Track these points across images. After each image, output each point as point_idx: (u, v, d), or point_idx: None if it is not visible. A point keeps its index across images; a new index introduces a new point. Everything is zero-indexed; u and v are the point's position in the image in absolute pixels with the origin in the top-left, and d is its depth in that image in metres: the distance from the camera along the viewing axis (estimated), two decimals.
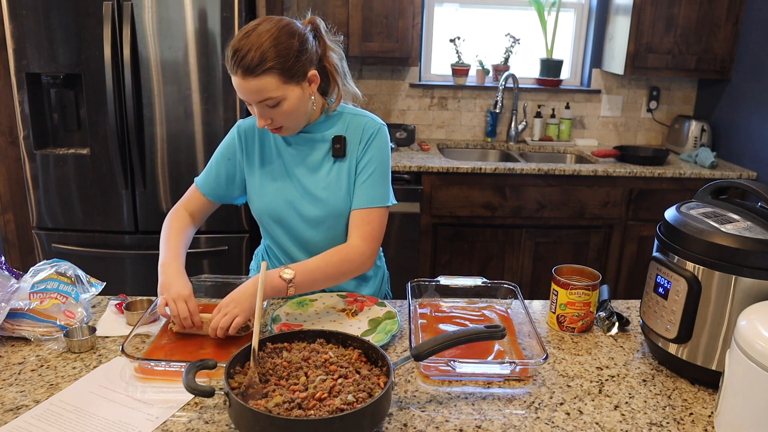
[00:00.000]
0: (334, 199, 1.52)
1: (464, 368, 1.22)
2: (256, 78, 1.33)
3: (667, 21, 3.22)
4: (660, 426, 1.10)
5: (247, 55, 1.31)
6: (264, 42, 1.32)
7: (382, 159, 1.52)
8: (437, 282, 1.57)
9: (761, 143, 3.12)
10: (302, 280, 1.38)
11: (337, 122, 1.53)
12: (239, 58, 1.32)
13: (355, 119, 1.53)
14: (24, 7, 2.54)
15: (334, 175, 1.52)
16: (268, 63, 1.32)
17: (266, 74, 1.33)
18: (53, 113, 2.77)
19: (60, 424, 1.06)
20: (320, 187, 1.52)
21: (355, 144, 1.51)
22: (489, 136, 3.68)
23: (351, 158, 1.52)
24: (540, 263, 3.21)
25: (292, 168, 1.54)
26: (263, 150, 1.56)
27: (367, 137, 1.51)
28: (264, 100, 1.36)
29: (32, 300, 1.36)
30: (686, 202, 1.32)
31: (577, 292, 1.40)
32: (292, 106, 1.39)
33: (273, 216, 1.56)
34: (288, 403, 1.01)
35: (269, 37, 1.33)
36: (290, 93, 1.38)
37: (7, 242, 3.21)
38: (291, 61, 1.35)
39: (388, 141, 1.54)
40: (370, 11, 3.15)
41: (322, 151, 1.53)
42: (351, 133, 1.52)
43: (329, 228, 1.55)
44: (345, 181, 1.51)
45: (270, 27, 1.35)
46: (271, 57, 1.32)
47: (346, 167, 1.52)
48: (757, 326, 0.99)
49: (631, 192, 3.13)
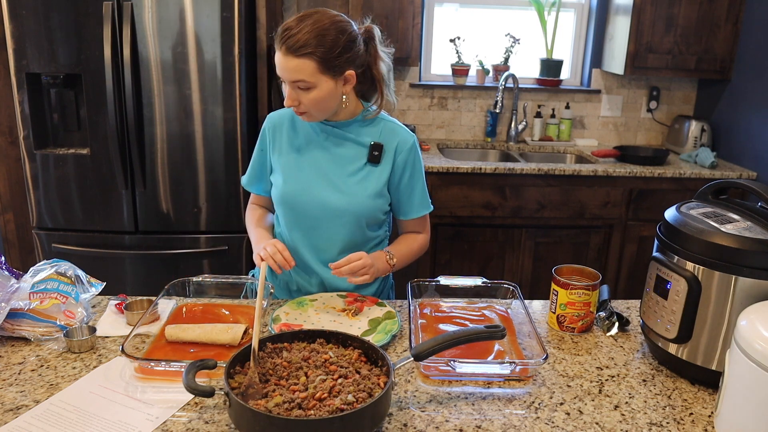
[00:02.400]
0: (357, 197, 1.56)
1: (464, 368, 1.22)
2: (296, 58, 1.41)
3: (667, 21, 3.22)
4: (660, 426, 1.10)
5: (295, 35, 1.40)
6: (315, 29, 1.41)
7: (420, 171, 1.64)
8: (437, 282, 1.57)
9: (761, 143, 3.12)
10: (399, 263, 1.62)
11: (372, 128, 1.60)
12: (287, 36, 1.41)
13: (389, 127, 1.60)
14: (24, 7, 2.54)
15: (364, 175, 1.58)
16: (310, 48, 1.41)
17: (305, 57, 1.41)
18: (53, 113, 2.76)
19: (60, 424, 1.06)
20: (346, 181, 1.57)
21: (390, 153, 1.58)
22: (489, 136, 3.68)
23: (384, 166, 1.58)
24: (540, 263, 3.21)
25: (321, 159, 1.59)
26: (293, 139, 1.62)
27: (406, 152, 1.59)
28: (297, 81, 1.44)
29: (32, 300, 1.36)
30: (686, 202, 1.32)
31: (577, 292, 1.40)
32: (321, 96, 1.46)
33: (291, 201, 1.59)
34: (288, 403, 1.01)
35: (320, 27, 1.42)
36: (323, 83, 1.45)
37: (7, 242, 3.21)
38: (333, 54, 1.43)
39: (420, 151, 1.65)
40: (370, 11, 3.14)
41: (355, 152, 1.58)
42: (387, 141, 1.59)
43: (344, 224, 1.58)
44: (373, 185, 1.57)
45: (324, 18, 1.44)
46: (315, 44, 1.41)
47: (378, 173, 1.58)
48: (757, 326, 0.99)
49: (631, 192, 3.13)
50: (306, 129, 1.61)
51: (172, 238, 2.80)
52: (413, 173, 1.62)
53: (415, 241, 1.69)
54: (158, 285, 1.57)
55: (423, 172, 1.65)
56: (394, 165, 1.59)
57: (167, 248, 2.81)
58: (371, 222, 1.62)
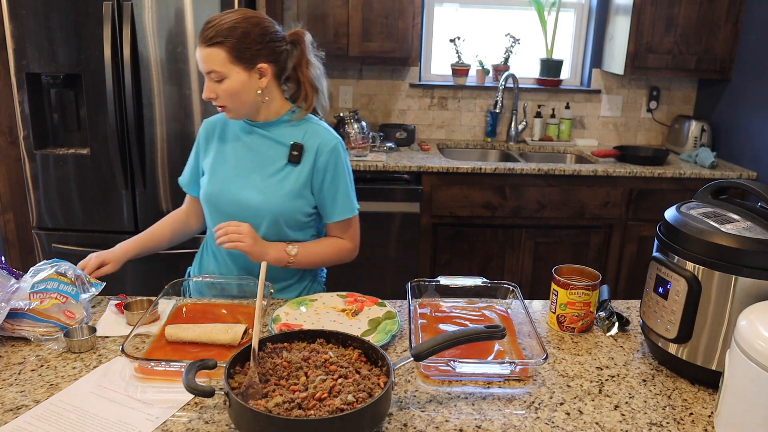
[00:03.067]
0: (274, 197, 1.58)
1: (464, 368, 1.22)
2: (208, 47, 1.48)
3: (667, 21, 3.22)
4: (660, 426, 1.10)
5: (210, 27, 1.48)
6: (227, 21, 1.48)
7: (345, 172, 1.64)
8: (437, 282, 1.57)
9: (761, 143, 3.12)
10: (301, 260, 1.60)
11: (296, 129, 1.62)
12: (204, 29, 1.49)
13: (314, 129, 1.62)
14: (24, 7, 2.54)
15: (283, 175, 1.60)
16: (220, 37, 1.47)
17: (216, 46, 1.47)
18: (53, 113, 2.77)
19: (60, 424, 1.06)
20: (266, 181, 1.59)
21: (311, 154, 1.60)
22: (489, 136, 3.68)
23: (305, 167, 1.60)
24: (540, 263, 3.21)
25: (244, 159, 1.62)
26: (222, 141, 1.66)
27: (327, 153, 1.60)
28: (210, 71, 1.49)
29: (32, 300, 1.36)
30: (686, 202, 1.32)
31: (577, 292, 1.40)
32: (234, 87, 1.51)
33: (213, 199, 1.63)
34: (288, 403, 1.01)
35: (234, 20, 1.49)
36: (234, 74, 1.50)
37: (7, 242, 3.21)
38: (243, 44, 1.49)
39: (346, 154, 1.66)
40: (370, 11, 3.15)
41: (277, 152, 1.61)
42: (308, 142, 1.60)
43: (261, 224, 1.59)
44: (291, 185, 1.59)
45: (240, 14, 1.51)
46: (226, 34, 1.47)
47: (297, 173, 1.59)
48: (757, 326, 0.99)
49: (631, 192, 3.13)
50: (234, 131, 1.65)
51: None
52: (335, 175, 1.61)
53: (334, 245, 1.67)
54: (158, 285, 1.57)
55: (347, 175, 1.64)
56: (315, 166, 1.59)
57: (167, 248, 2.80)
58: (291, 223, 1.61)
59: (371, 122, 3.60)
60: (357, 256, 1.74)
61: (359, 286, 1.78)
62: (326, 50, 3.22)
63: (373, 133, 3.32)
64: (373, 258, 3.05)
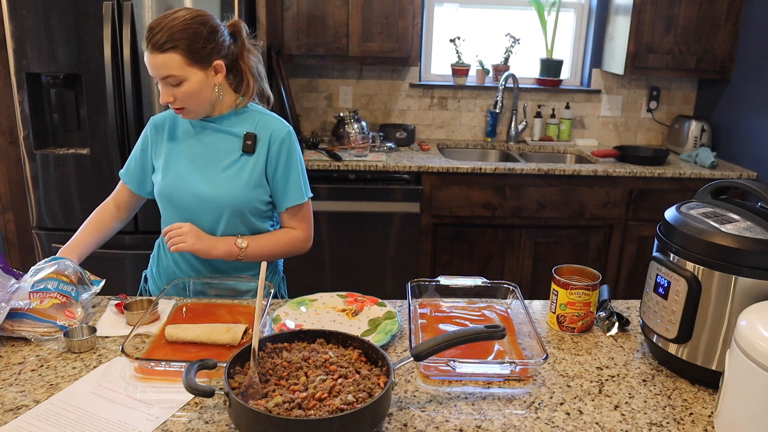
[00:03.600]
0: (233, 188, 1.59)
1: (464, 368, 1.22)
2: (162, 54, 1.46)
3: (667, 21, 3.22)
4: (660, 426, 1.10)
5: (158, 33, 1.45)
6: (176, 24, 1.46)
7: (295, 159, 1.65)
8: (437, 282, 1.57)
9: (761, 143, 3.12)
10: (251, 254, 1.59)
11: (247, 120, 1.63)
12: (151, 35, 1.45)
13: (265, 119, 1.64)
14: (24, 7, 2.54)
15: (238, 166, 1.60)
16: (174, 42, 1.45)
17: (171, 51, 1.46)
18: (53, 113, 2.77)
19: (60, 424, 1.06)
20: (222, 174, 1.60)
21: (264, 143, 1.61)
22: (489, 136, 3.68)
23: (259, 156, 1.61)
24: (540, 263, 3.21)
25: (197, 154, 1.62)
26: (173, 138, 1.66)
27: (279, 141, 1.61)
28: (167, 77, 1.48)
29: (32, 300, 1.36)
30: (686, 202, 1.32)
31: (577, 292, 1.40)
32: (194, 89, 1.51)
33: (168, 194, 1.63)
34: (288, 403, 1.01)
35: (181, 21, 1.47)
36: (193, 75, 1.50)
37: (7, 242, 3.21)
38: (197, 45, 1.48)
39: (297, 143, 1.67)
40: (370, 11, 3.15)
41: (230, 144, 1.62)
42: (261, 132, 1.62)
43: (222, 216, 1.60)
44: (247, 174, 1.60)
45: (185, 14, 1.49)
46: (179, 37, 1.46)
47: (252, 163, 1.60)
48: (757, 326, 0.99)
49: (631, 192, 3.13)
50: (185, 126, 1.65)
51: None
52: (287, 163, 1.62)
53: (284, 235, 1.67)
54: None
55: (299, 163, 1.66)
56: (269, 155, 1.61)
57: None
58: (254, 212, 1.63)
59: (371, 122, 3.61)
60: (357, 255, 1.75)
61: (359, 286, 1.79)
62: (326, 50, 3.25)
63: (373, 133, 3.32)
64: (373, 258, 3.05)
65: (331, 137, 3.55)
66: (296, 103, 3.57)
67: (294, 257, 1.73)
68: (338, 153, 3.15)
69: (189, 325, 1.34)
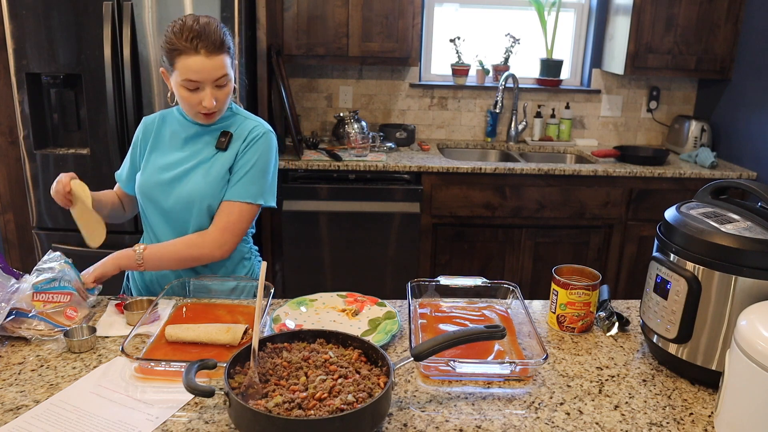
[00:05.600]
0: (200, 183, 1.59)
1: (464, 368, 1.22)
2: (219, 55, 1.50)
3: (667, 21, 3.23)
4: (660, 426, 1.10)
5: (211, 35, 1.48)
6: (218, 26, 1.52)
7: (261, 160, 1.61)
8: (437, 282, 1.57)
9: (761, 143, 3.12)
10: (150, 256, 1.56)
11: (229, 121, 1.66)
12: (205, 38, 1.47)
13: (246, 122, 1.66)
14: (24, 7, 2.54)
15: (210, 163, 1.62)
16: (227, 43, 1.52)
17: (224, 53, 1.52)
18: (53, 113, 2.77)
19: (60, 424, 1.06)
20: (196, 170, 1.61)
21: (239, 142, 1.62)
22: (489, 136, 3.68)
23: (231, 154, 1.62)
24: (540, 263, 3.21)
25: (178, 152, 1.65)
26: (158, 139, 1.68)
27: (251, 138, 1.62)
28: (221, 77, 1.51)
29: (34, 301, 1.36)
30: (686, 202, 1.32)
31: (577, 292, 1.40)
32: (230, 87, 1.56)
33: (146, 191, 1.64)
34: (288, 403, 1.01)
35: (219, 25, 1.52)
36: (232, 74, 1.56)
37: (7, 242, 3.21)
38: (232, 44, 1.56)
39: (272, 146, 1.65)
40: (370, 11, 3.15)
41: (207, 141, 1.64)
42: (238, 132, 1.64)
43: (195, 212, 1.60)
44: (217, 171, 1.60)
45: (212, 19, 1.53)
46: (226, 39, 1.53)
47: (224, 160, 1.61)
48: (757, 326, 0.99)
49: (631, 192, 3.13)
50: (173, 127, 1.67)
51: None
52: (252, 158, 1.59)
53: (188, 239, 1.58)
54: None
55: (265, 163, 1.61)
56: (238, 152, 1.62)
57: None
58: None
59: (371, 122, 3.61)
60: (357, 255, 1.74)
61: (359, 286, 1.78)
62: (326, 50, 3.25)
63: (373, 133, 3.33)
64: (373, 258, 3.05)
65: (331, 137, 3.55)
66: (296, 103, 3.57)
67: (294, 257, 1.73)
68: (338, 153, 3.15)
69: (189, 325, 1.34)
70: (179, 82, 1.51)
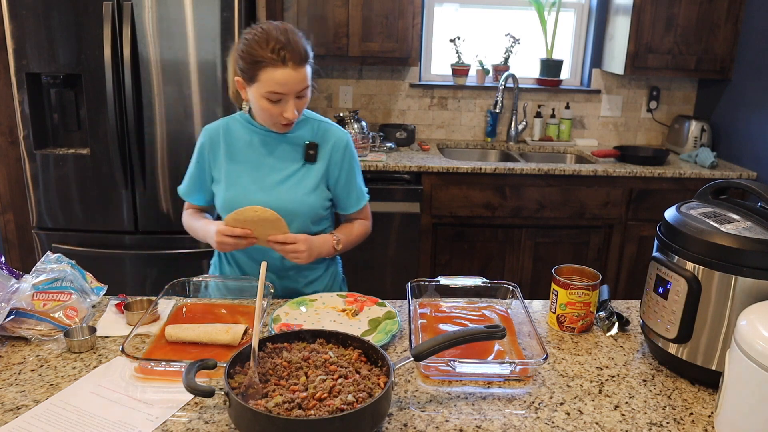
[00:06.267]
0: (296, 197, 1.61)
1: (464, 368, 1.22)
2: (304, 66, 1.49)
3: (667, 21, 3.22)
4: (660, 426, 1.10)
5: (296, 47, 1.47)
6: (299, 36, 1.51)
7: (357, 165, 1.71)
8: (437, 282, 1.57)
9: (761, 143, 3.12)
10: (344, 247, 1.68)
11: (305, 127, 1.65)
12: (291, 50, 1.46)
13: (323, 127, 1.66)
14: (24, 7, 2.54)
15: (300, 175, 1.63)
16: (309, 53, 1.51)
17: (308, 64, 1.51)
18: (53, 113, 2.77)
19: (60, 424, 1.06)
20: (285, 182, 1.61)
21: (326, 152, 1.64)
22: (489, 136, 3.68)
23: (321, 164, 1.64)
24: (540, 263, 3.21)
25: (260, 164, 1.63)
26: (231, 148, 1.65)
27: (342, 149, 1.66)
28: (304, 88, 1.51)
29: (33, 300, 1.36)
30: (686, 202, 1.32)
31: (577, 292, 1.40)
32: (308, 97, 1.55)
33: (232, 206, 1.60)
34: (288, 403, 1.01)
35: (298, 34, 1.51)
36: (310, 84, 1.55)
37: (7, 242, 3.21)
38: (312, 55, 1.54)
39: (354, 148, 1.72)
40: (370, 11, 3.15)
41: (291, 152, 1.64)
42: (321, 140, 1.64)
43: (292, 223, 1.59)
44: (311, 183, 1.63)
45: (292, 27, 1.52)
46: (309, 48, 1.52)
47: (315, 171, 1.64)
48: (757, 326, 0.99)
49: (631, 192, 3.13)
50: (242, 137, 1.64)
51: (172, 238, 2.80)
52: (350, 170, 1.68)
53: (360, 226, 1.76)
54: (158, 285, 1.57)
55: (359, 168, 1.72)
56: (331, 163, 1.64)
57: (167, 248, 2.81)
58: (315, 219, 1.65)
59: (371, 122, 3.60)
60: (357, 256, 1.75)
61: (359, 286, 1.79)
62: (326, 50, 3.24)
63: (373, 133, 3.32)
64: (373, 258, 3.05)
65: None
66: None
67: None
68: None
69: (189, 325, 1.34)
70: (262, 94, 1.49)
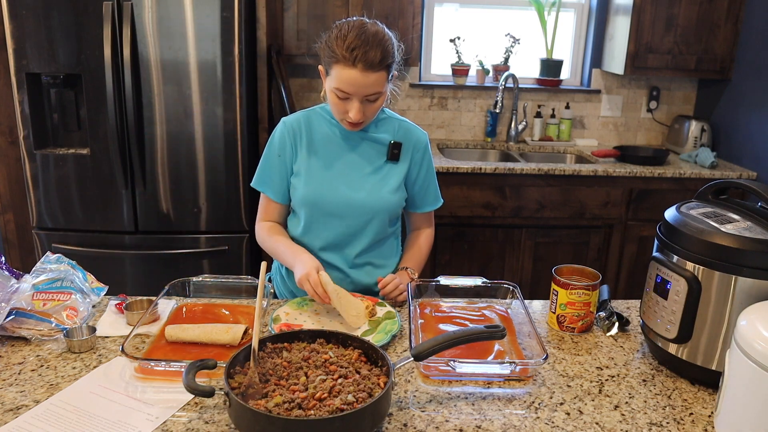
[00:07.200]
0: (380, 194, 1.62)
1: (464, 368, 1.22)
2: (375, 73, 1.44)
3: (667, 21, 3.22)
4: (660, 426, 1.10)
5: (370, 51, 1.42)
6: (386, 40, 1.46)
7: (434, 167, 1.74)
8: (437, 282, 1.57)
9: (761, 143, 3.12)
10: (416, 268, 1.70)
11: (388, 126, 1.66)
12: (364, 53, 1.41)
13: (404, 126, 1.68)
14: (24, 7, 2.54)
15: (385, 173, 1.64)
16: (387, 60, 1.45)
17: (383, 70, 1.45)
18: (53, 113, 2.76)
19: (60, 424, 1.06)
20: (369, 179, 1.62)
21: (408, 151, 1.66)
22: (489, 136, 3.68)
23: (403, 163, 1.66)
24: (540, 263, 3.21)
25: (342, 160, 1.63)
26: (311, 142, 1.63)
27: (422, 149, 1.68)
28: (372, 94, 1.47)
29: (34, 300, 1.36)
30: (686, 202, 1.32)
31: (577, 292, 1.40)
32: (381, 102, 1.52)
33: (317, 200, 1.60)
34: (288, 403, 1.01)
35: (384, 37, 1.46)
36: (385, 89, 1.51)
37: (7, 242, 3.21)
38: (394, 61, 1.50)
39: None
40: (370, 11, 3.15)
41: (374, 150, 1.64)
42: (404, 139, 1.66)
43: (369, 221, 1.62)
44: (394, 181, 1.63)
45: (380, 28, 1.48)
46: (388, 56, 1.46)
47: (398, 170, 1.65)
48: (757, 326, 0.99)
49: (631, 192, 3.13)
50: (323, 130, 1.63)
51: (172, 238, 2.80)
52: (429, 170, 1.70)
53: (425, 242, 1.77)
54: (158, 285, 1.57)
55: (433, 168, 1.73)
56: (412, 162, 1.66)
57: (167, 248, 2.81)
58: (393, 217, 1.68)
59: None
60: None
61: None
62: None
63: None
64: None
65: None
66: (296, 103, 3.57)
67: None
68: None
69: (189, 325, 1.34)
70: (332, 88, 1.48)
